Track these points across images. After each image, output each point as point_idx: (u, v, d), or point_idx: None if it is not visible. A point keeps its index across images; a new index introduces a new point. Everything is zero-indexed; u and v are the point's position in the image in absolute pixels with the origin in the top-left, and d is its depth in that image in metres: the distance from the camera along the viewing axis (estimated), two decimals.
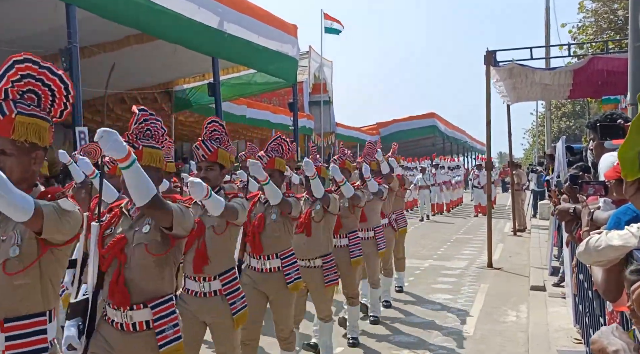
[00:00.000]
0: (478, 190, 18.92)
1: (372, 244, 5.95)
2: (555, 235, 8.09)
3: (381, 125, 34.08)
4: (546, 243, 10.10)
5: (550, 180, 7.86)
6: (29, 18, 9.85)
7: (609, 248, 2.09)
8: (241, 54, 13.90)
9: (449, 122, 39.44)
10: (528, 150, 55.54)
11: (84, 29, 9.38)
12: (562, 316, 6.07)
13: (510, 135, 13.54)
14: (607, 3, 14.48)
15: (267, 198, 3.99)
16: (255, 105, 19.54)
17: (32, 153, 2.07)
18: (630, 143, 1.25)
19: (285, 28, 15.94)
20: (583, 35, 15.22)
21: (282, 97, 22.93)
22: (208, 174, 3.39)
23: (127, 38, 11.86)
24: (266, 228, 3.98)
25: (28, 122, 2.02)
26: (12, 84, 2.04)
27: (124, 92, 15.27)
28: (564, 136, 10.89)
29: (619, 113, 3.93)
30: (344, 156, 5.58)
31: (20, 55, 2.05)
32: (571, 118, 35.83)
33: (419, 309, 6.74)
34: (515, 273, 9.00)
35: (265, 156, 4.08)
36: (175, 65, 14.45)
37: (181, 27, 11.31)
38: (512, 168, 14.59)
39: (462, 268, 9.48)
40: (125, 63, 12.42)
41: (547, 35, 17.97)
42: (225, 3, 12.70)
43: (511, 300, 7.22)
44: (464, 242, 12.74)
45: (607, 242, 2.10)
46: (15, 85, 2.04)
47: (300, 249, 4.47)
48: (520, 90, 10.74)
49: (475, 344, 5.46)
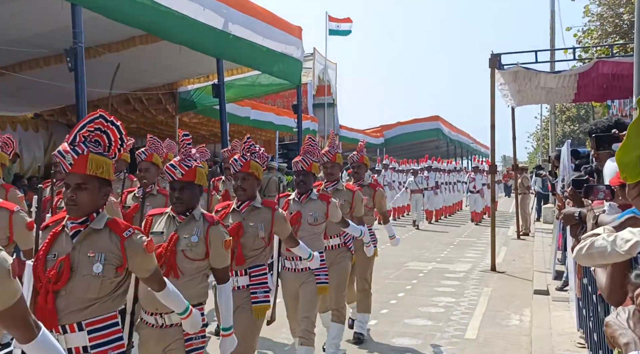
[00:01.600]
0: (474, 195, 17.57)
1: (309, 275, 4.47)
2: (559, 239, 8.06)
3: (385, 127, 34.04)
4: (550, 246, 10.06)
5: (555, 184, 7.83)
6: (34, 18, 9.87)
7: (614, 254, 2.08)
8: (246, 55, 13.91)
9: (453, 125, 39.37)
10: (532, 154, 55.39)
11: (89, 29, 9.40)
12: (565, 320, 6.05)
13: (514, 139, 13.52)
14: (613, 7, 14.43)
15: None
16: (259, 107, 19.55)
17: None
18: (629, 147, 1.24)
19: (290, 30, 15.94)
20: (588, 39, 15.17)
21: (287, 99, 22.94)
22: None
23: (132, 39, 11.87)
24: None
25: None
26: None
27: (129, 92, 15.29)
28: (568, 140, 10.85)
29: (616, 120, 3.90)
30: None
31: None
32: (576, 122, 35.71)
33: (422, 312, 6.72)
34: (519, 277, 8.98)
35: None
36: (179, 66, 14.46)
37: (186, 28, 11.32)
38: (516, 172, 14.55)
39: (466, 271, 9.46)
40: (130, 64, 12.43)
41: (552, 39, 17.93)
42: (230, 4, 12.71)
43: (514, 304, 7.20)
44: (467, 245, 12.72)
45: (612, 247, 2.09)
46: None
47: None
48: (525, 93, 10.72)
49: (478, 348, 5.44)
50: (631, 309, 1.52)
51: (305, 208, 4.43)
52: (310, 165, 4.43)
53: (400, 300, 7.35)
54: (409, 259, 10.67)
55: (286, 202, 4.48)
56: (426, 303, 7.17)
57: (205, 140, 22.67)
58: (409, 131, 33.58)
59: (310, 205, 4.44)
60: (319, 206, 4.44)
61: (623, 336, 1.45)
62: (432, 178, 17.87)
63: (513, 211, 17.44)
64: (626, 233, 2.08)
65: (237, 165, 3.72)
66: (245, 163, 3.70)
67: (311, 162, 4.43)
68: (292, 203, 4.49)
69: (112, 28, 10.52)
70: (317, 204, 4.45)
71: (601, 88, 10.06)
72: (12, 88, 12.63)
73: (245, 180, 3.71)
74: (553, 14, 17.41)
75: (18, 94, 13.21)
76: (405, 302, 7.26)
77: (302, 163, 4.41)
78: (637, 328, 1.46)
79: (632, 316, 1.49)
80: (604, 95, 10.28)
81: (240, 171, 3.71)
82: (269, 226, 3.74)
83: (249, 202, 3.75)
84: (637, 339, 1.42)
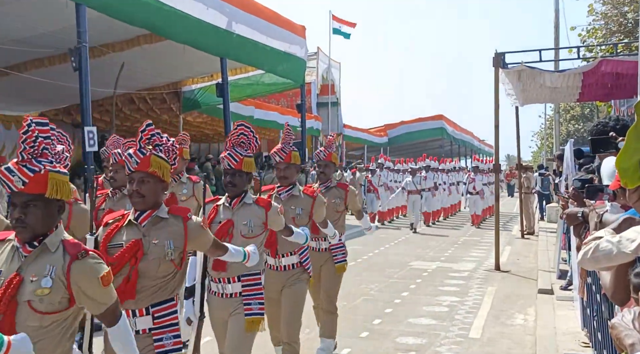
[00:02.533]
0: (473, 197, 16.50)
1: None
2: (563, 238, 8.05)
3: (389, 126, 34.01)
4: (554, 246, 10.05)
5: (558, 183, 7.82)
6: (39, 18, 9.90)
7: (621, 255, 2.08)
8: (249, 54, 13.92)
9: (457, 124, 39.30)
10: (536, 153, 55.31)
11: (93, 29, 9.41)
12: (569, 319, 6.05)
13: (518, 138, 13.49)
14: (617, 6, 14.39)
15: None
16: (263, 106, 19.57)
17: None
18: (628, 152, 1.24)
19: (294, 29, 15.94)
20: (592, 38, 15.13)
21: (290, 98, 22.95)
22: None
23: (137, 38, 11.90)
24: None
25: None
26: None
27: (133, 92, 15.33)
28: (571, 139, 10.83)
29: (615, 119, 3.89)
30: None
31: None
32: (580, 121, 35.64)
33: (426, 311, 6.72)
34: (523, 276, 8.96)
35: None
36: (183, 66, 14.48)
37: (190, 27, 11.34)
38: (520, 171, 14.52)
39: (470, 271, 9.45)
40: (134, 64, 12.46)
41: (557, 38, 17.88)
42: (233, 4, 12.73)
43: (519, 303, 7.19)
44: (471, 244, 12.70)
45: (618, 248, 2.08)
46: None
47: None
48: (529, 92, 10.70)
49: (482, 347, 5.44)
50: (636, 310, 1.52)
51: (238, 215, 3.56)
52: (241, 162, 3.53)
53: (404, 299, 7.35)
54: (413, 258, 10.67)
55: (214, 208, 3.66)
56: (430, 302, 7.17)
57: (209, 140, 22.72)
58: (412, 130, 33.55)
59: (242, 211, 3.57)
60: (254, 212, 3.58)
61: (629, 337, 1.45)
62: (430, 178, 16.77)
63: (516, 211, 17.40)
64: (631, 232, 2.08)
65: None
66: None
67: (241, 157, 3.54)
68: (222, 209, 3.62)
69: (116, 27, 10.54)
70: (253, 210, 3.58)
71: (605, 87, 10.04)
72: (17, 88, 12.68)
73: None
74: (557, 13, 17.38)
75: (23, 94, 13.26)
76: (410, 301, 7.26)
77: (229, 160, 3.55)
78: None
79: (638, 317, 1.50)
80: (609, 94, 10.25)
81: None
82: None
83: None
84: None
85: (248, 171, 3.57)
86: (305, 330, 5.82)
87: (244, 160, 3.51)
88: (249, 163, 3.56)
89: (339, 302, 5.73)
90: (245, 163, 3.53)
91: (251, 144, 3.58)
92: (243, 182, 3.58)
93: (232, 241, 3.39)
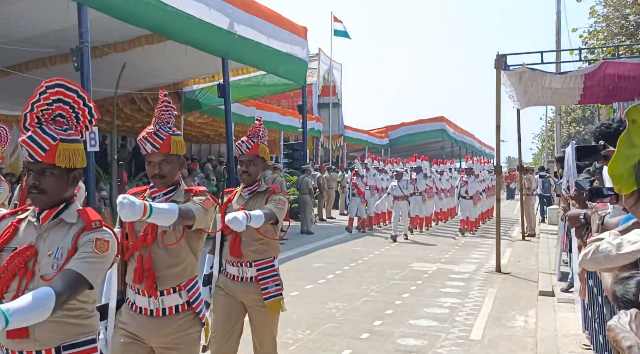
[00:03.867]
0: (466, 201, 14.82)
1: None
2: (564, 240, 8.04)
3: (390, 128, 34.05)
4: (555, 248, 10.04)
5: (559, 185, 7.82)
6: (41, 17, 9.91)
7: (620, 257, 2.07)
8: (251, 55, 13.94)
9: (458, 126, 39.33)
10: (537, 155, 55.34)
11: (95, 29, 9.43)
12: (570, 321, 6.04)
13: (519, 140, 13.49)
14: (619, 8, 14.41)
15: None
16: (264, 107, 19.58)
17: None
18: (621, 159, 1.24)
19: (295, 30, 15.96)
20: (594, 40, 15.15)
21: (291, 99, 22.96)
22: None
23: (138, 38, 11.91)
24: None
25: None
26: None
27: (134, 92, 15.34)
28: (573, 141, 10.83)
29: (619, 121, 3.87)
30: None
31: None
32: (581, 123, 35.66)
33: (427, 313, 6.72)
34: (524, 278, 8.96)
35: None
36: (185, 66, 14.50)
37: (192, 28, 11.36)
38: (521, 173, 14.52)
39: (471, 272, 9.44)
40: (135, 64, 12.48)
41: (558, 40, 17.89)
42: (235, 4, 12.75)
43: (519, 305, 7.18)
44: (472, 246, 12.70)
45: (617, 250, 2.08)
46: None
47: None
48: (531, 94, 10.70)
49: (483, 349, 5.43)
50: (633, 312, 1.52)
51: (248, 206, 3.63)
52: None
53: (405, 301, 7.35)
54: (413, 260, 10.66)
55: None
56: (431, 304, 7.17)
57: (210, 140, 22.73)
58: (413, 132, 33.59)
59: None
60: None
61: (626, 339, 1.45)
62: (420, 180, 15.01)
63: (516, 214, 17.36)
64: (633, 235, 2.08)
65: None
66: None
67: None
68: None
69: (118, 27, 10.56)
70: None
71: (607, 89, 10.02)
72: (18, 88, 12.67)
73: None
74: (559, 14, 17.38)
75: (24, 94, 13.18)
76: (410, 303, 7.25)
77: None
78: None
79: (635, 319, 1.50)
80: (610, 96, 10.24)
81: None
82: None
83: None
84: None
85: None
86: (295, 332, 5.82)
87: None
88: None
89: (339, 304, 5.73)
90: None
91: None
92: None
93: None
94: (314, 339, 5.60)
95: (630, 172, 1.26)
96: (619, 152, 1.24)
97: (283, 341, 5.53)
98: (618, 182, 1.28)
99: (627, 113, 1.20)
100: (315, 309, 6.79)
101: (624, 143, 1.22)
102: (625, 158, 1.24)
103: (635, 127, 1.18)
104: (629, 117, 1.19)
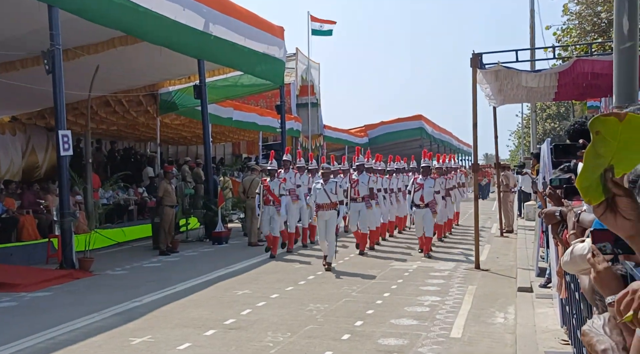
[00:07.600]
0: (420, 211, 10.96)
1: None
2: (541, 236, 8.12)
3: (369, 127, 34.15)
4: (532, 244, 10.13)
5: (536, 182, 7.89)
6: (10, 20, 9.70)
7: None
8: (227, 56, 13.84)
9: (436, 124, 39.61)
10: (513, 152, 56.03)
11: (67, 31, 9.26)
12: (549, 317, 6.09)
13: (496, 137, 13.61)
14: (591, 6, 14.61)
15: None
16: (242, 107, 19.47)
17: None
18: (588, 172, 1.24)
19: (272, 30, 15.89)
20: (567, 37, 15.34)
21: (269, 99, 22.86)
22: None
23: (111, 40, 11.73)
24: None
25: None
26: None
27: (109, 94, 15.12)
28: (549, 137, 10.94)
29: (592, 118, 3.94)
30: None
31: None
32: (556, 120, 36.21)
33: (407, 312, 6.72)
34: (503, 274, 9.03)
35: None
36: (160, 67, 14.34)
37: (166, 29, 11.23)
38: (499, 170, 14.65)
39: (450, 270, 9.49)
40: (109, 66, 12.29)
41: (532, 38, 18.11)
42: (210, 5, 12.64)
43: (499, 301, 7.23)
44: (451, 244, 12.77)
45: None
46: None
47: None
48: (506, 92, 10.80)
49: (463, 347, 5.45)
50: (606, 316, 1.53)
51: None
52: None
53: (385, 300, 7.34)
54: (393, 259, 10.68)
55: None
56: (412, 303, 7.18)
57: (187, 142, 22.53)
58: (392, 130, 33.74)
59: None
60: None
61: (601, 342, 1.45)
62: (363, 182, 11.37)
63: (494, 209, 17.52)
64: None
65: None
66: None
67: None
68: None
69: (91, 29, 10.39)
70: None
71: (580, 86, 10.16)
72: None
73: None
74: (533, 13, 17.62)
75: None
76: (391, 302, 7.25)
77: None
78: (614, 334, 1.47)
79: (608, 323, 1.50)
80: (584, 93, 10.40)
81: None
82: None
83: None
84: (615, 345, 1.43)
85: None
86: (287, 333, 5.78)
87: None
88: None
89: (320, 305, 5.68)
90: None
91: None
92: None
93: None
94: (295, 342, 5.56)
95: (597, 183, 1.26)
96: (586, 164, 1.24)
97: (263, 344, 5.48)
98: (586, 194, 1.28)
99: (590, 125, 1.19)
100: (295, 312, 6.75)
101: (590, 155, 1.22)
102: (592, 170, 1.24)
103: (599, 138, 1.18)
104: (593, 128, 1.18)
